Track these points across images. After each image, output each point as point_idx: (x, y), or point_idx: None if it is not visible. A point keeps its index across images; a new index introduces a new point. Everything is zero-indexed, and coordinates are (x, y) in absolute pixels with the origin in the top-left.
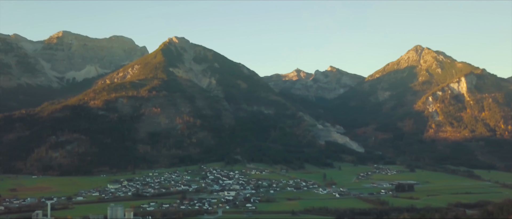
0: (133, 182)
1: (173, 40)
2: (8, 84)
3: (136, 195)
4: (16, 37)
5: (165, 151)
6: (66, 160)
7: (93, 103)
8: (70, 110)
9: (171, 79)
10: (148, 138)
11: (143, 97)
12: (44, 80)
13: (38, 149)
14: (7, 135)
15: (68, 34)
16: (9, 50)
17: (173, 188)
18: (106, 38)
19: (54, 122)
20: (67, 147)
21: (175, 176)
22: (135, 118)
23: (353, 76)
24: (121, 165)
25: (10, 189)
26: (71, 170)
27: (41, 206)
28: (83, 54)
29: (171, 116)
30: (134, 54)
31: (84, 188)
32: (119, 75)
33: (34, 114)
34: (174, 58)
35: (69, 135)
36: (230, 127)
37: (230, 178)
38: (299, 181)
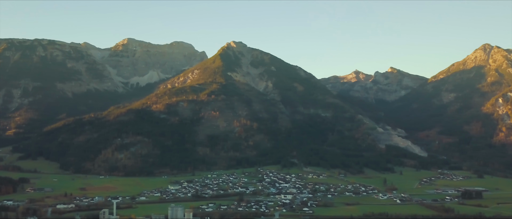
0: (192, 183)
1: (231, 44)
2: (78, 90)
3: (196, 196)
4: (86, 45)
5: (223, 154)
6: (130, 162)
7: (155, 107)
8: (134, 113)
9: (229, 83)
10: (207, 140)
11: (203, 101)
12: (110, 85)
13: (105, 150)
14: (77, 138)
15: (132, 41)
16: (79, 57)
17: (230, 190)
18: (168, 44)
19: (119, 125)
20: (131, 149)
21: (232, 178)
22: (194, 121)
23: (415, 77)
24: (181, 166)
25: (80, 188)
26: (134, 171)
27: (107, 205)
28: (146, 60)
29: (229, 119)
30: (194, 59)
31: (147, 188)
32: (180, 80)
33: (101, 118)
34: (232, 62)
35: (133, 137)
36: (287, 130)
37: (287, 181)
38: (358, 185)
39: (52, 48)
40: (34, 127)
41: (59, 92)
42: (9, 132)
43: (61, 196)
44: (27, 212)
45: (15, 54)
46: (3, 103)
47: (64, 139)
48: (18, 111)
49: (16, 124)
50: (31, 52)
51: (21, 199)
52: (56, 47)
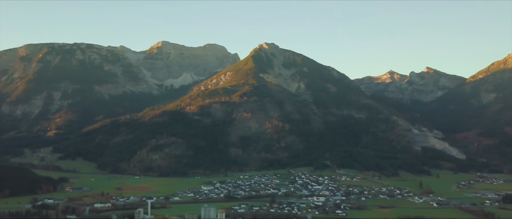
0: (225, 184)
1: (263, 46)
2: (115, 92)
3: (228, 197)
4: (122, 49)
5: (255, 155)
6: (164, 162)
7: (189, 109)
8: (168, 115)
9: (261, 84)
10: (239, 141)
11: (235, 103)
12: (145, 87)
13: (140, 151)
14: (114, 139)
15: (166, 44)
16: (116, 60)
17: (262, 191)
18: (201, 47)
19: (154, 126)
20: (165, 150)
21: (264, 179)
22: (227, 123)
23: (452, 77)
24: (214, 167)
25: (116, 188)
26: (168, 172)
27: (142, 205)
28: (180, 63)
29: (261, 120)
30: (227, 61)
31: (180, 188)
32: (213, 82)
33: (137, 119)
34: (264, 64)
35: (167, 138)
36: (319, 132)
37: (319, 183)
38: (393, 188)
39: (90, 52)
40: (73, 128)
41: (96, 94)
42: (50, 133)
43: (98, 195)
44: (66, 210)
45: (56, 58)
46: (44, 105)
47: (101, 140)
48: (58, 113)
49: (56, 125)
50: (71, 56)
51: (61, 197)
52: (94, 50)
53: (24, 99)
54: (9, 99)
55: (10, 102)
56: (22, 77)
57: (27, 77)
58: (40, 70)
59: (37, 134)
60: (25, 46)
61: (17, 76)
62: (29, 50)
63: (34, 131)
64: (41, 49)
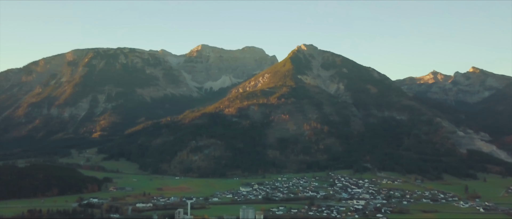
0: (263, 186)
1: (302, 47)
2: (156, 95)
3: (266, 198)
4: (163, 52)
5: (293, 157)
6: (204, 163)
7: (228, 111)
8: (207, 117)
9: (299, 86)
10: (277, 143)
11: (273, 104)
12: (185, 90)
13: (180, 152)
14: (155, 140)
15: (206, 47)
16: (157, 64)
17: (301, 193)
18: (239, 49)
19: (194, 128)
20: (204, 151)
21: (303, 181)
22: (265, 125)
23: (500, 77)
24: (252, 169)
25: (157, 188)
26: (208, 173)
27: (182, 205)
28: (219, 65)
29: (299, 122)
30: (265, 63)
31: (219, 189)
32: (251, 84)
33: (177, 121)
34: (302, 65)
35: (207, 140)
36: (359, 134)
37: (359, 186)
38: (436, 192)
39: (132, 56)
40: (117, 130)
41: (138, 97)
42: (95, 135)
43: (140, 195)
44: (110, 210)
45: (100, 62)
46: (90, 108)
47: (143, 142)
48: (103, 115)
49: (101, 127)
50: (114, 60)
51: (105, 197)
52: (136, 54)
53: (71, 102)
54: (57, 102)
55: (59, 105)
56: (70, 81)
57: (74, 81)
58: (86, 74)
59: (83, 136)
60: (72, 51)
61: (65, 80)
62: (76, 55)
63: (81, 132)
64: (87, 54)
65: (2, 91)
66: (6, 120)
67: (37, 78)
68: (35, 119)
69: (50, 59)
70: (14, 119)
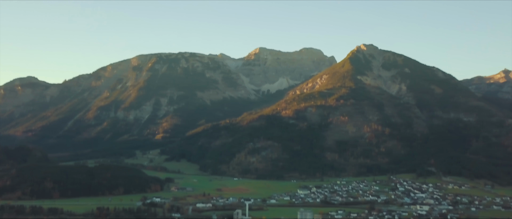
0: (321, 189)
1: (361, 48)
2: (215, 97)
3: (324, 202)
4: (222, 56)
5: (353, 160)
6: (261, 165)
7: (285, 113)
8: (265, 119)
9: (359, 87)
10: (335, 146)
11: (331, 106)
12: (243, 93)
13: (239, 154)
14: (214, 142)
15: (263, 50)
16: (216, 67)
17: (361, 197)
18: (297, 51)
19: (251, 130)
20: (262, 153)
21: (363, 185)
22: (323, 127)
23: None
24: (310, 171)
25: (217, 189)
26: (265, 174)
27: (240, 206)
28: (276, 68)
29: (358, 124)
30: (323, 64)
31: (277, 191)
32: (308, 86)
33: (235, 123)
34: (362, 66)
35: (264, 142)
36: (423, 136)
37: (423, 191)
38: (509, 199)
39: (193, 60)
40: (178, 132)
41: (199, 100)
42: (158, 136)
43: (200, 196)
44: (171, 209)
45: (163, 66)
46: (153, 111)
47: (203, 143)
48: (165, 117)
49: (163, 129)
50: (176, 65)
51: (167, 197)
52: (196, 59)
53: (136, 105)
54: (123, 105)
55: (124, 108)
56: (134, 85)
57: (138, 85)
58: (149, 78)
59: (147, 137)
60: (137, 57)
61: (130, 84)
62: (140, 60)
63: (144, 134)
64: (151, 59)
65: (74, 95)
66: (77, 122)
67: (105, 83)
68: (103, 122)
69: (117, 64)
70: (84, 121)
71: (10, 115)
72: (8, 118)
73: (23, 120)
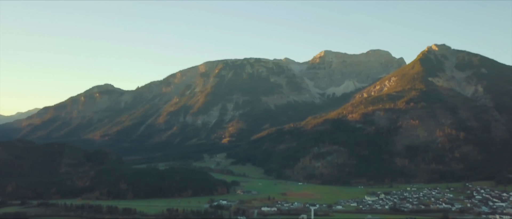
0: (390, 195)
1: (433, 48)
2: (279, 102)
3: (393, 209)
4: (287, 61)
5: (424, 166)
6: (326, 170)
7: (351, 117)
8: (330, 123)
9: (430, 89)
10: (405, 151)
11: (400, 109)
12: (308, 96)
13: (303, 158)
14: (279, 146)
15: (329, 53)
16: (280, 72)
17: (433, 205)
18: (363, 53)
19: (316, 134)
20: (327, 158)
21: (435, 192)
22: (392, 131)
23: None
24: (378, 177)
25: (281, 193)
26: (331, 180)
27: (305, 211)
28: (342, 70)
29: (430, 128)
30: (391, 66)
31: (343, 197)
32: (376, 88)
33: (300, 128)
34: (433, 67)
35: (329, 146)
36: (502, 141)
37: (503, 200)
38: None
39: (258, 65)
40: (244, 136)
41: (263, 105)
42: (224, 140)
43: (265, 199)
44: (237, 212)
45: (229, 72)
46: (219, 116)
47: (267, 147)
48: (231, 122)
49: (230, 133)
50: (241, 70)
51: (233, 199)
52: (261, 64)
53: (203, 110)
54: (192, 110)
55: (193, 113)
56: (202, 91)
57: (206, 91)
58: (216, 84)
59: (214, 141)
60: (204, 64)
61: (198, 90)
62: (208, 67)
63: (212, 138)
64: (217, 65)
65: (146, 101)
66: (149, 127)
67: (175, 89)
68: (173, 126)
69: (185, 71)
70: (155, 126)
71: (89, 120)
72: (88, 123)
73: (101, 125)
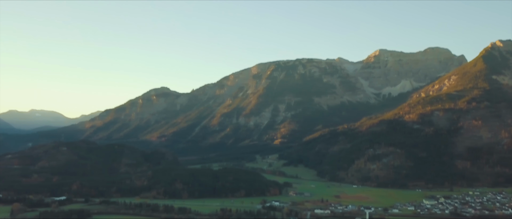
0: (450, 199)
1: (497, 44)
2: (333, 102)
3: (454, 214)
4: (340, 60)
5: (488, 169)
6: (382, 172)
7: (408, 117)
8: (386, 124)
9: (494, 88)
10: (467, 153)
11: (461, 109)
12: (362, 97)
13: (358, 160)
14: (332, 147)
15: (384, 52)
16: (334, 72)
17: (498, 210)
18: (421, 51)
19: (371, 136)
20: (383, 160)
21: (500, 197)
22: (452, 132)
23: None
24: (437, 180)
25: (335, 195)
26: (387, 182)
27: (360, 214)
28: (398, 70)
29: (494, 129)
30: (451, 64)
31: (400, 201)
32: (435, 88)
33: (354, 129)
34: (497, 64)
35: (385, 148)
36: None
37: None
38: None
39: (310, 66)
40: (296, 137)
41: (316, 106)
42: (276, 142)
43: (318, 202)
44: (290, 213)
45: (281, 73)
46: (271, 117)
47: (320, 149)
48: (283, 123)
49: (281, 134)
50: (293, 71)
51: (285, 201)
52: (313, 64)
53: (255, 112)
54: (244, 112)
55: (245, 114)
56: (254, 93)
57: (258, 92)
58: (268, 85)
59: (266, 143)
60: (257, 65)
61: (250, 92)
62: (260, 69)
63: (264, 139)
64: (269, 67)
65: (200, 103)
66: (203, 128)
67: (228, 91)
68: (226, 128)
69: (238, 73)
70: (210, 127)
71: (147, 122)
72: (145, 125)
73: (158, 126)
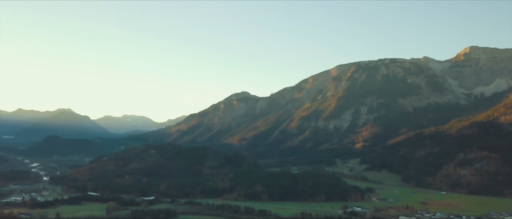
0: None
1: None
2: (418, 104)
3: None
4: (425, 59)
5: None
6: (474, 179)
7: (504, 119)
8: (478, 126)
9: None
10: None
11: None
12: (451, 97)
13: (446, 165)
14: (418, 151)
15: (475, 49)
16: (419, 72)
17: None
18: None
19: (461, 139)
20: (475, 165)
21: None
22: None
23: None
24: None
25: (421, 202)
26: (480, 189)
27: None
28: (491, 68)
29: None
30: None
31: (495, 210)
32: None
33: (442, 132)
34: None
35: (478, 152)
36: None
37: None
38: None
39: (393, 66)
40: (378, 141)
41: (400, 107)
42: (357, 145)
43: (403, 208)
44: None
45: (362, 75)
46: (352, 120)
47: (405, 153)
48: (365, 126)
49: (363, 138)
50: (375, 72)
51: (367, 206)
52: (397, 64)
53: (335, 115)
54: (323, 115)
55: (324, 117)
56: (334, 95)
57: (338, 95)
58: (348, 87)
59: (346, 146)
60: (336, 67)
61: (330, 94)
62: (339, 71)
63: (344, 143)
64: (349, 68)
65: (279, 107)
66: (282, 132)
67: (306, 94)
68: (305, 131)
69: (317, 76)
70: (288, 131)
71: (228, 126)
72: (227, 129)
73: (238, 130)
